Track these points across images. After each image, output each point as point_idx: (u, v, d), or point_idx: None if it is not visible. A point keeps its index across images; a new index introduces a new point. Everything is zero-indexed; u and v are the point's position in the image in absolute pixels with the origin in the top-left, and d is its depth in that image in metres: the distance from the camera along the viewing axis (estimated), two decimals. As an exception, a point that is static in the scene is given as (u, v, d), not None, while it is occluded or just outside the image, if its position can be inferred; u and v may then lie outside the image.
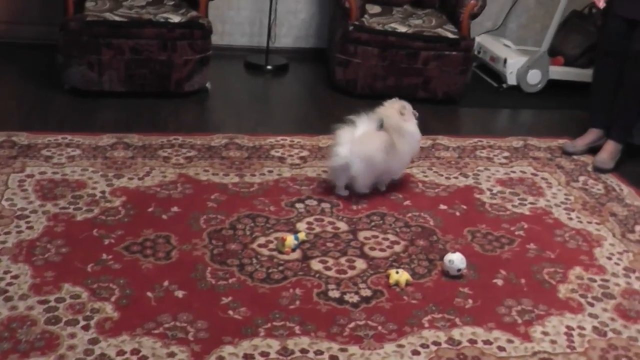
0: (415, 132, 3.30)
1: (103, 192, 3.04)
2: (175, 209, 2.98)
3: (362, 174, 3.15)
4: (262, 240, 2.81)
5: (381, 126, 3.19)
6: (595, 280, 2.79)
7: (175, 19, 4.09)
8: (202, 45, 4.16)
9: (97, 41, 3.95)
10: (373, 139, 3.14)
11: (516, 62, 4.94)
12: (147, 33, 4.01)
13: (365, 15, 4.55)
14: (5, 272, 2.46)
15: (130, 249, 2.66)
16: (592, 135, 4.02)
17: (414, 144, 3.35)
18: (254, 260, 2.67)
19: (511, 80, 4.94)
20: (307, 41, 5.27)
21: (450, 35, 4.45)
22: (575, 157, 3.94)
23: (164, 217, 2.91)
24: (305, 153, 3.63)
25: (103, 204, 2.95)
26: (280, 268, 2.64)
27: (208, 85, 4.34)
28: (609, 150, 3.87)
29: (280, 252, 2.73)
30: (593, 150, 3.95)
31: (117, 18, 4.00)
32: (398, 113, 3.23)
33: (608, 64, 3.91)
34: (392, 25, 4.46)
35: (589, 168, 3.83)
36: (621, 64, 3.82)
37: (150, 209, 2.95)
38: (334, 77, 4.57)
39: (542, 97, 4.94)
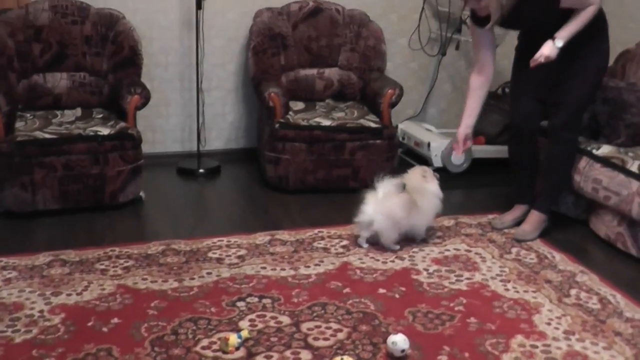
0: (437, 191, 3.84)
1: (41, 311, 3.01)
2: (115, 320, 2.95)
3: (385, 229, 3.66)
4: (205, 342, 2.80)
5: (403, 188, 3.73)
6: (537, 347, 2.85)
7: (105, 131, 4.15)
8: (133, 155, 4.21)
9: (29, 161, 3.96)
10: (394, 199, 3.68)
11: (439, 145, 5.11)
12: (78, 148, 4.05)
13: (290, 112, 4.68)
14: (-56, 403, 2.40)
15: (72, 366, 2.63)
16: (518, 210, 4.16)
17: (436, 202, 3.83)
18: (199, 363, 2.67)
19: (437, 162, 5.10)
20: (237, 142, 5.37)
21: (373, 125, 4.61)
22: (505, 230, 4.07)
23: (105, 329, 2.88)
24: (242, 252, 3.66)
25: (42, 324, 2.91)
26: (226, 368, 2.64)
27: (142, 194, 4.36)
28: (532, 222, 4.01)
29: (225, 352, 2.72)
30: (520, 223, 4.09)
31: (47, 136, 4.04)
32: (421, 177, 3.82)
33: (521, 143, 4.09)
34: (317, 119, 4.60)
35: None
36: (533, 140, 4.00)
37: (90, 323, 2.92)
38: (266, 174, 4.66)
39: (467, 176, 5.11)
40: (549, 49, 3.54)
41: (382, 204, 3.64)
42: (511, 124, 4.18)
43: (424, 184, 3.80)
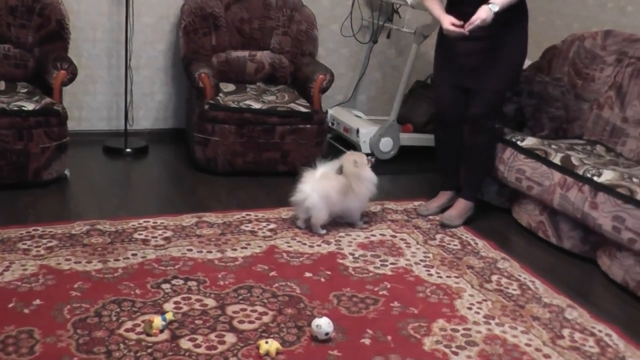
0: (372, 176, 3.91)
1: (-41, 290, 2.94)
2: (37, 301, 2.89)
3: (318, 208, 3.70)
4: (129, 324, 2.77)
5: (340, 171, 3.79)
6: (457, 330, 2.93)
7: (30, 106, 4.04)
8: (58, 132, 4.11)
9: (-53, 135, 3.85)
10: (331, 180, 3.74)
11: (368, 131, 5.17)
12: (1, 123, 3.93)
13: (220, 94, 4.65)
14: None
15: (-9, 347, 2.57)
16: (443, 197, 4.26)
17: (371, 187, 3.90)
18: (122, 346, 2.63)
19: (365, 148, 5.15)
20: (165, 122, 5.32)
21: (304, 110, 4.62)
22: (430, 217, 4.15)
23: (26, 311, 2.82)
24: (169, 233, 3.64)
25: (-40, 303, 2.84)
26: (149, 350, 2.61)
27: (67, 172, 4.28)
28: (458, 208, 4.10)
29: (149, 335, 2.70)
30: (445, 210, 4.18)
31: (-34, 110, 3.92)
32: (353, 163, 3.82)
33: (446, 131, 4.18)
34: (247, 102, 4.58)
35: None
36: (458, 128, 4.09)
37: (11, 305, 2.85)
38: (194, 156, 4.62)
39: (395, 163, 5.18)
40: (485, 12, 3.60)
41: (319, 184, 3.69)
42: (436, 112, 4.26)
43: (358, 170, 3.84)
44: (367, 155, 3.99)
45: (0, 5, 4.38)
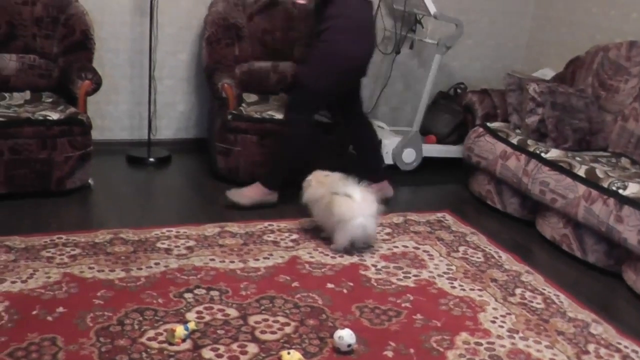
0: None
1: (-17, 298, 2.95)
2: (60, 309, 2.91)
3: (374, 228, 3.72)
4: (151, 333, 2.78)
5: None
6: (481, 344, 2.90)
7: (54, 116, 4.07)
8: (82, 141, 4.14)
9: (-26, 143, 3.88)
10: (370, 199, 3.66)
11: (391, 142, 5.15)
12: (26, 132, 3.96)
13: (243, 104, 4.66)
14: None
15: (14, 355, 2.57)
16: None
17: None
18: (144, 354, 2.63)
19: (388, 159, 5.14)
20: (187, 132, 5.33)
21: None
22: (454, 229, 4.12)
23: (49, 318, 2.83)
24: (191, 243, 3.64)
25: (-16, 311, 2.85)
26: (172, 359, 2.62)
27: (90, 181, 4.30)
28: (253, 188, 4.21)
29: (171, 344, 2.70)
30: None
31: (-7, 119, 3.95)
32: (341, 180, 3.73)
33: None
34: (270, 112, 4.58)
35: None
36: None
37: (34, 312, 2.87)
38: (216, 166, 4.63)
39: (418, 174, 5.16)
40: None
41: (366, 207, 3.61)
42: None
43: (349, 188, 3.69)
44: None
45: (26, 17, 4.42)
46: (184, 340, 2.72)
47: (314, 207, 3.77)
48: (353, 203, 3.56)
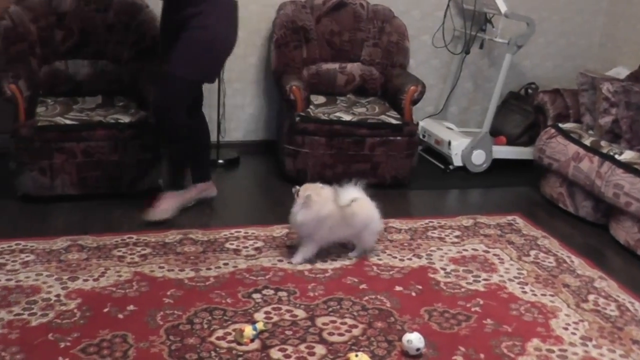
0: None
1: (58, 295, 3.01)
2: (131, 307, 2.96)
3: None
4: (220, 332, 2.80)
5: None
6: (553, 351, 2.83)
7: (126, 119, 4.15)
8: (153, 144, 4.21)
9: (49, 146, 3.97)
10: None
11: (460, 143, 5.09)
12: (98, 135, 4.05)
13: (311, 106, 4.67)
14: (-41, 383, 2.41)
15: (86, 351, 2.63)
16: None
17: None
18: (213, 354, 2.65)
19: (457, 161, 5.07)
20: (256, 134, 5.37)
21: (394, 121, 4.58)
22: (525, 232, 4.03)
23: (120, 316, 2.89)
24: (260, 244, 3.66)
25: (58, 308, 2.91)
26: (240, 359, 2.63)
27: (160, 182, 4.36)
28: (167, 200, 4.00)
29: (239, 343, 2.72)
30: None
31: (67, 122, 4.04)
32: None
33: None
34: (337, 114, 4.58)
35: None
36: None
37: (106, 309, 2.93)
38: (284, 167, 4.65)
39: (487, 176, 5.08)
40: None
41: (370, 202, 3.53)
42: None
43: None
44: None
45: (98, 24, 4.52)
46: (252, 340, 2.73)
47: (320, 225, 3.42)
48: (365, 203, 3.50)
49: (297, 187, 3.47)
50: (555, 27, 5.75)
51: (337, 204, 3.41)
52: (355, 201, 3.43)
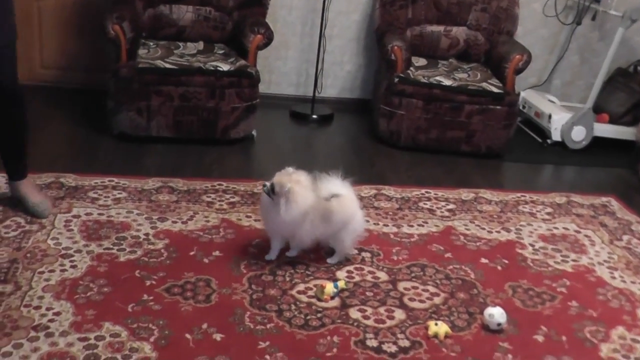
0: None
1: (147, 234, 3.09)
2: (217, 253, 3.01)
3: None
4: (301, 286, 2.82)
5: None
6: (638, 341, 2.74)
7: (225, 67, 4.18)
8: (249, 93, 4.23)
9: (147, 88, 4.05)
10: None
11: (561, 118, 4.92)
12: (196, 81, 4.10)
13: (411, 68, 4.59)
14: (48, 309, 2.50)
15: (171, 291, 2.69)
16: None
17: None
18: (293, 307, 2.68)
19: (556, 136, 4.92)
20: (352, 92, 5.33)
21: (495, 90, 4.46)
22: (619, 216, 3.88)
23: (206, 260, 2.94)
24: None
25: (146, 246, 2.99)
26: (319, 315, 2.64)
27: (254, 132, 4.40)
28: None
29: (319, 300, 2.73)
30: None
31: (167, 65, 4.10)
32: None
33: None
34: (437, 78, 4.49)
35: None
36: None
37: (192, 253, 2.99)
38: (378, 128, 4.60)
39: (586, 154, 4.90)
40: None
41: (354, 198, 3.09)
42: None
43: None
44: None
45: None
46: (332, 298, 2.74)
47: (304, 220, 2.89)
48: (346, 200, 3.01)
49: (266, 183, 2.93)
50: (674, 3, 5.46)
51: (317, 195, 2.95)
52: (336, 197, 2.97)
